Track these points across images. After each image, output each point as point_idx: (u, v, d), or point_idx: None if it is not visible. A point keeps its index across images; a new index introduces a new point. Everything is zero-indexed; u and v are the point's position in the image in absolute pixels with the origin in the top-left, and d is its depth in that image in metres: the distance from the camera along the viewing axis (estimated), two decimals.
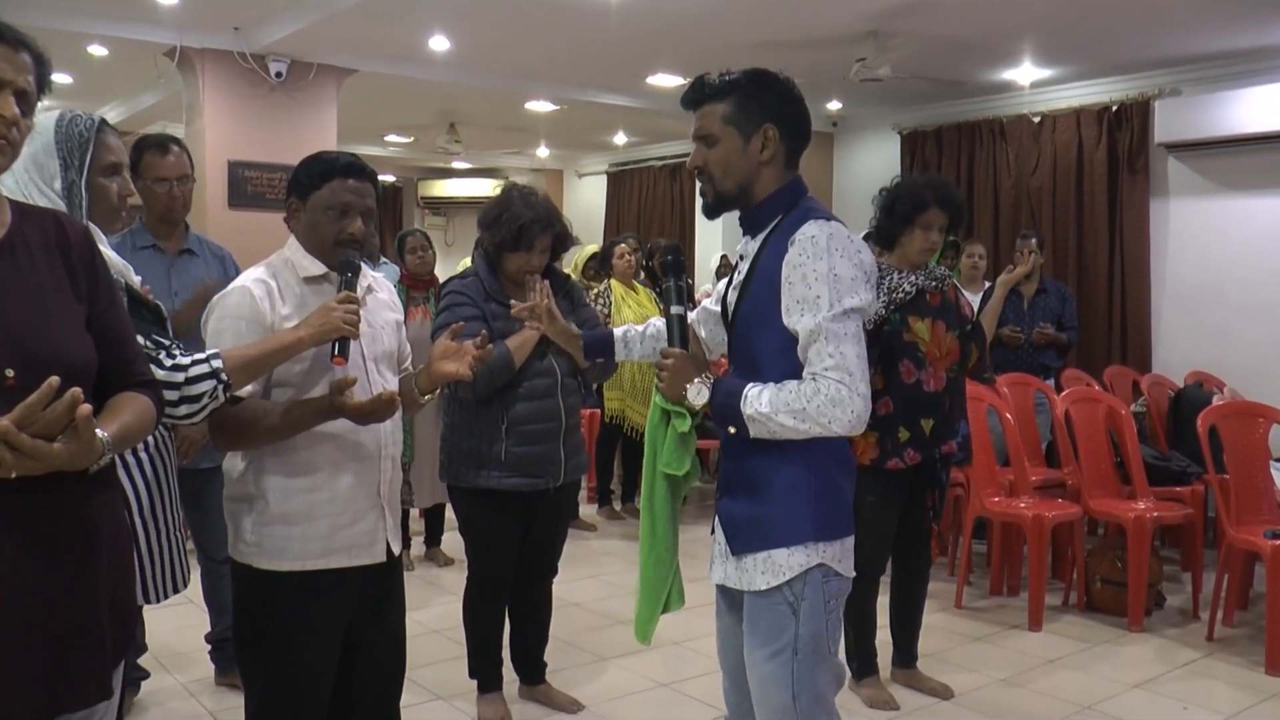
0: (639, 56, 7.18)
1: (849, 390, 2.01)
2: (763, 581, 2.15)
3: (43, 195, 2.11)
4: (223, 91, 6.91)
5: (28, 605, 1.55)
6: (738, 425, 2.11)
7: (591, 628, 4.63)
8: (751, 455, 2.17)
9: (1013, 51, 6.87)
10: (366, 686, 2.52)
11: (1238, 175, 6.90)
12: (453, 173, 13.40)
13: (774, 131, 2.18)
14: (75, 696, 1.63)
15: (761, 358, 2.15)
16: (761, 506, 2.17)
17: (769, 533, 2.15)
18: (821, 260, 2.04)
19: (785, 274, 2.07)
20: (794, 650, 2.14)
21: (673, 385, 2.18)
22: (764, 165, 2.19)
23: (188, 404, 2.06)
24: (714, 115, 2.19)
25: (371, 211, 2.46)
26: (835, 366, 2.02)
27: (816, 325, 2.03)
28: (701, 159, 2.21)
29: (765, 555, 2.15)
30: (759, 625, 2.18)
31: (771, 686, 2.16)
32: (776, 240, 2.14)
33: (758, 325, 2.15)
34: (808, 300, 2.04)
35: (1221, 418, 4.74)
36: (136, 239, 3.47)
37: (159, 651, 4.10)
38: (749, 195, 2.20)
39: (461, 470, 3.43)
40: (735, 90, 2.17)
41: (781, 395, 2.05)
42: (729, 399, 2.11)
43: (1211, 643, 4.49)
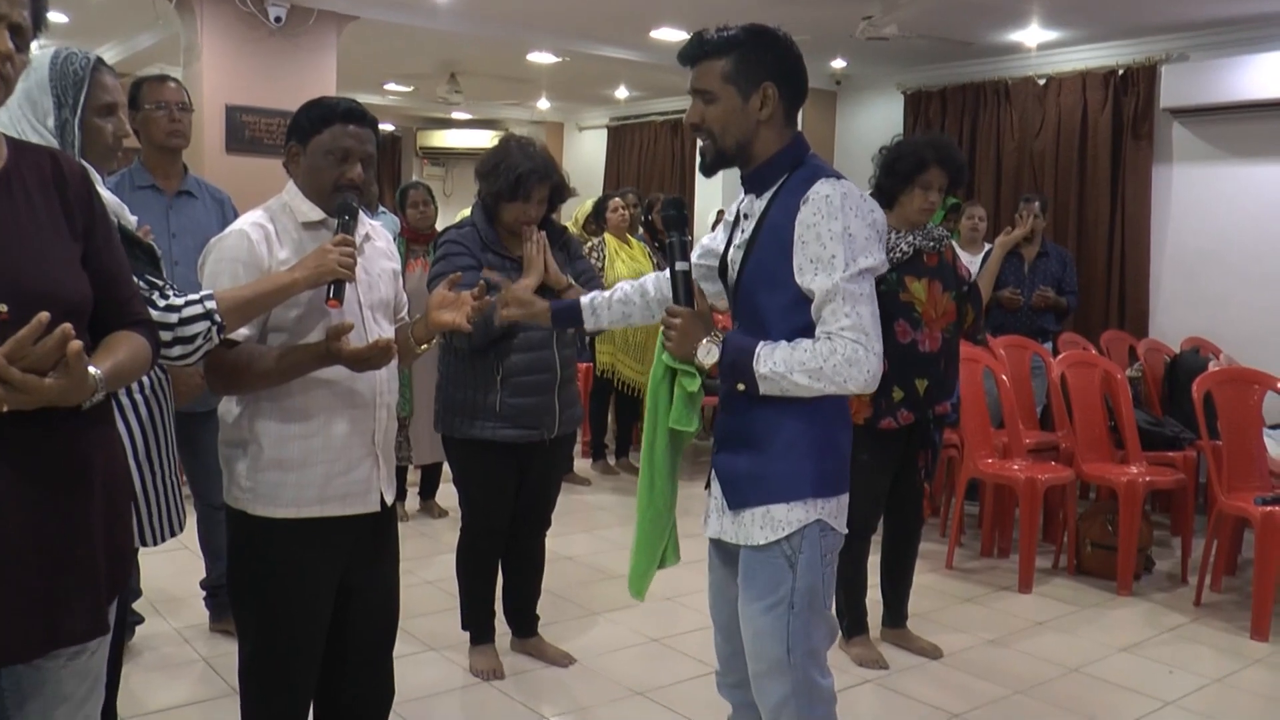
0: (643, 9, 7.11)
1: (865, 350, 2.02)
2: (761, 536, 2.16)
3: (35, 132, 2.10)
4: (221, 35, 6.83)
5: (20, 539, 1.56)
6: (748, 383, 2.10)
7: (584, 582, 4.66)
8: (752, 410, 2.16)
9: (1020, 13, 6.81)
10: (360, 635, 2.53)
11: (1243, 142, 6.86)
12: (452, 123, 13.31)
13: (773, 90, 2.16)
14: (70, 630, 1.64)
15: (769, 316, 2.14)
16: (761, 461, 2.17)
17: (768, 488, 2.16)
18: (836, 220, 2.04)
19: (798, 233, 2.07)
20: (790, 604, 2.15)
21: (682, 344, 2.16)
22: (763, 124, 2.18)
23: (181, 345, 2.05)
24: (713, 72, 2.17)
25: (371, 158, 2.44)
26: (852, 326, 2.02)
27: (834, 285, 2.02)
28: (699, 115, 2.20)
29: (764, 510, 2.16)
30: (755, 579, 2.19)
31: (766, 639, 2.18)
32: (785, 198, 2.13)
33: (765, 284, 2.14)
34: (822, 260, 2.04)
35: (1216, 384, 4.75)
36: (135, 178, 3.45)
37: (153, 596, 4.12)
38: (748, 153, 2.19)
39: (456, 421, 3.43)
40: (735, 47, 2.15)
41: (796, 354, 2.05)
42: (740, 356, 2.10)
43: (1199, 608, 4.53)
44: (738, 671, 2.35)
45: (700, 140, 2.22)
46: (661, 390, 2.28)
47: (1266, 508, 4.25)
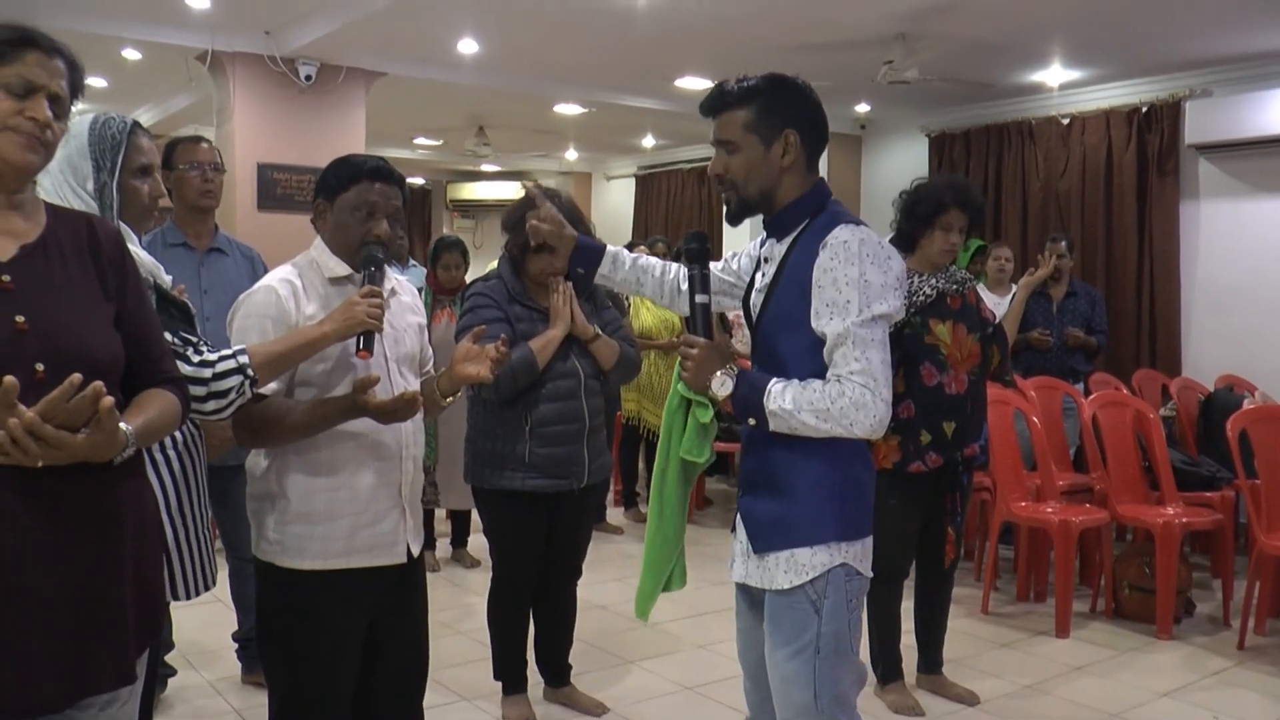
0: (667, 59, 7.19)
1: (872, 395, 2.05)
2: (785, 580, 2.17)
3: (76, 196, 2.17)
4: (253, 94, 6.97)
5: (50, 589, 1.60)
6: (758, 419, 2.13)
7: (616, 630, 4.64)
8: (775, 453, 2.18)
9: (1041, 53, 6.83)
10: (389, 686, 2.54)
11: (1270, 177, 6.82)
12: (481, 175, 13.45)
13: (795, 137, 2.19)
14: (98, 679, 1.67)
15: (788, 359, 2.17)
16: (785, 504, 2.18)
17: (792, 531, 2.17)
18: (853, 265, 2.07)
19: (815, 277, 2.10)
20: (816, 649, 2.15)
21: (698, 375, 2.18)
22: (785, 170, 2.21)
23: (215, 399, 2.10)
24: (735, 122, 2.20)
25: (398, 213, 2.48)
26: (861, 371, 2.05)
27: (845, 329, 2.06)
28: (723, 166, 2.23)
29: (788, 554, 2.17)
30: (781, 624, 2.19)
31: (793, 685, 2.17)
32: (805, 244, 2.17)
33: (785, 328, 2.18)
34: (837, 304, 2.07)
35: (1252, 422, 4.69)
36: (168, 236, 3.53)
37: (186, 649, 4.14)
38: (772, 200, 2.22)
39: (485, 472, 3.45)
40: (755, 97, 2.19)
41: (805, 394, 2.08)
42: (752, 392, 2.13)
43: (1242, 651, 4.44)
44: (767, 716, 2.34)
45: (723, 191, 2.26)
46: (676, 419, 2.30)
47: None
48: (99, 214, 2.18)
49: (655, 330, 6.38)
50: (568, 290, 3.43)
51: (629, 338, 3.66)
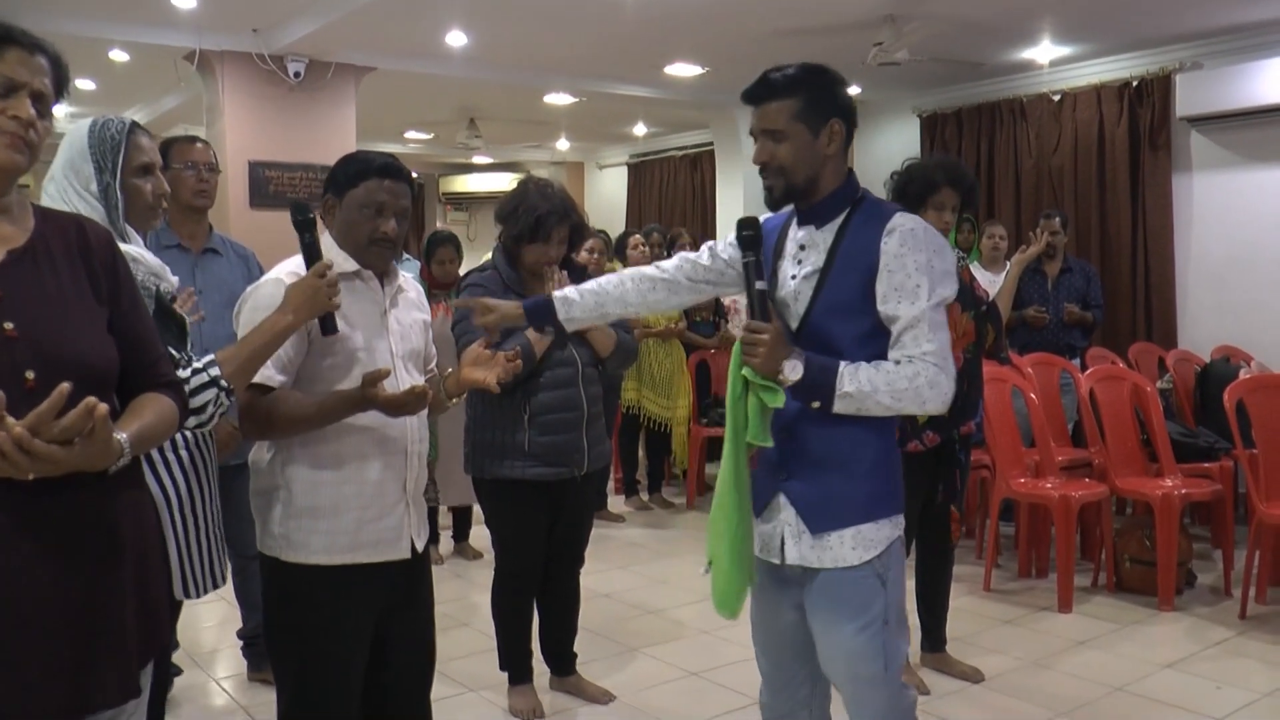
0: (656, 46, 7.18)
1: (944, 374, 2.14)
2: (854, 557, 2.20)
3: (81, 199, 2.17)
4: (242, 93, 6.96)
5: (48, 606, 1.57)
6: (825, 401, 2.16)
7: (621, 618, 4.65)
8: (830, 432, 2.21)
9: (1031, 30, 6.83)
10: (397, 680, 2.55)
11: (1262, 147, 6.83)
12: (474, 168, 13.44)
13: (839, 126, 2.24)
14: (101, 695, 1.65)
15: (843, 344, 2.19)
16: (847, 482, 2.22)
17: (858, 507, 2.21)
18: (921, 252, 2.15)
19: (884, 263, 2.15)
20: (884, 620, 2.21)
21: (768, 361, 2.15)
22: (829, 159, 2.25)
23: (195, 414, 2.07)
24: (782, 111, 2.22)
25: (406, 212, 2.47)
26: (934, 351, 2.13)
27: (919, 313, 2.13)
28: (768, 154, 2.25)
29: (854, 530, 2.21)
30: (845, 600, 2.22)
31: (862, 659, 2.22)
32: (858, 230, 2.22)
33: (841, 313, 2.21)
34: (906, 289, 2.14)
35: (1249, 391, 4.70)
36: (161, 238, 3.50)
37: (191, 648, 4.15)
38: (815, 188, 2.26)
39: (486, 462, 3.46)
40: (802, 87, 2.22)
41: (880, 375, 2.14)
42: (823, 375, 2.15)
43: (1244, 621, 4.47)
44: (787, 701, 2.40)
45: (767, 178, 2.28)
46: (740, 408, 2.25)
47: None
48: (105, 215, 2.18)
49: (652, 318, 6.38)
50: (563, 280, 3.44)
51: (625, 325, 3.67)
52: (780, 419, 2.23)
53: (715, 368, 7.14)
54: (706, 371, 7.12)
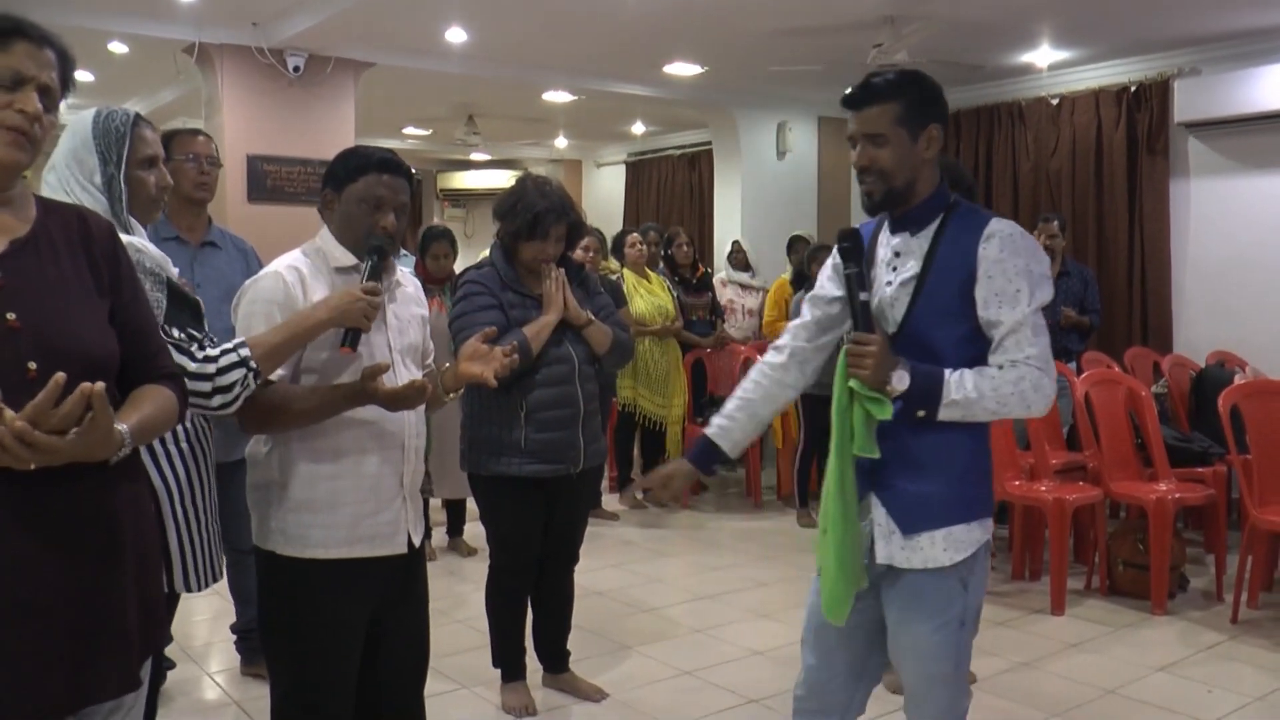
0: (656, 45, 7.18)
1: (1047, 377, 2.18)
2: (945, 558, 2.23)
3: (84, 191, 2.16)
4: (241, 86, 6.95)
5: (47, 599, 1.58)
6: (930, 409, 2.18)
7: (615, 616, 4.65)
8: (929, 438, 2.23)
9: (1030, 34, 6.84)
10: (391, 675, 2.55)
11: (1259, 154, 6.84)
12: (471, 164, 13.43)
13: (937, 131, 2.27)
14: (100, 688, 1.65)
15: (942, 348, 2.22)
16: (942, 485, 2.24)
17: (952, 509, 2.24)
18: (1020, 257, 2.18)
19: (984, 269, 2.18)
20: (960, 622, 2.25)
21: (876, 373, 2.17)
22: (926, 163, 2.27)
23: (220, 395, 2.09)
24: (884, 116, 2.24)
25: (405, 207, 2.48)
26: (1037, 355, 2.17)
27: (1021, 318, 2.16)
28: (869, 158, 2.26)
29: (945, 532, 2.23)
30: (925, 599, 2.25)
31: (932, 658, 2.26)
32: (954, 236, 2.23)
33: (940, 318, 2.23)
34: (1007, 294, 2.17)
35: (1243, 397, 4.71)
36: (160, 231, 3.48)
37: (184, 642, 4.15)
38: (912, 192, 2.27)
39: (482, 458, 3.46)
40: (903, 92, 2.25)
41: (986, 381, 2.17)
42: (930, 383, 2.17)
43: (1236, 625, 4.48)
44: (825, 697, 2.42)
45: (866, 183, 2.28)
46: (846, 418, 2.25)
47: None
48: (108, 207, 2.17)
49: (649, 317, 6.39)
50: (560, 277, 3.44)
51: (622, 323, 3.67)
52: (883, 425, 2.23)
53: (711, 367, 7.16)
54: (702, 370, 7.12)
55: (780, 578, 5.28)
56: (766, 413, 2.52)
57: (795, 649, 4.24)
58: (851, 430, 2.22)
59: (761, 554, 5.70)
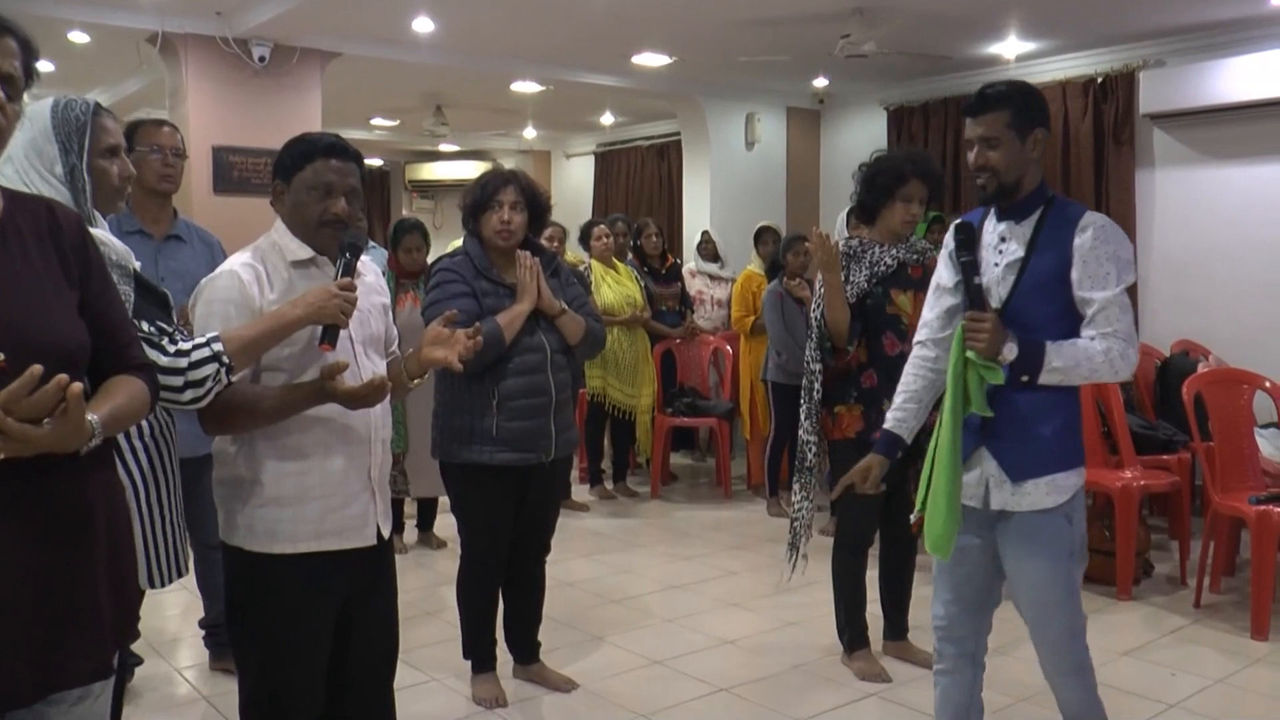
0: (624, 35, 7.16)
1: (1132, 348, 2.54)
2: (1049, 501, 2.59)
3: (45, 182, 2.12)
4: (206, 77, 6.88)
5: (20, 586, 1.57)
6: (1034, 375, 2.52)
7: (586, 606, 4.66)
8: (1030, 398, 2.57)
9: (997, 25, 6.87)
10: (360, 668, 2.54)
11: (1222, 145, 6.91)
12: (440, 155, 13.37)
13: (1042, 134, 2.62)
14: (70, 675, 1.65)
15: (1040, 323, 2.56)
16: (1044, 440, 2.59)
17: (1054, 459, 2.59)
18: (1110, 245, 2.52)
19: (1079, 254, 2.52)
20: (1069, 553, 2.62)
21: (992, 345, 2.50)
22: (1032, 161, 2.62)
23: (192, 389, 2.08)
24: (997, 122, 2.59)
25: (356, 191, 2.46)
26: (1123, 329, 2.52)
27: (1111, 297, 2.51)
28: (984, 158, 2.61)
29: (1048, 479, 2.58)
30: (1038, 536, 2.60)
31: (1048, 586, 2.61)
32: (1053, 225, 2.59)
33: (1040, 296, 2.57)
34: (1098, 277, 2.51)
35: (1206, 385, 4.77)
36: (123, 224, 3.43)
37: (152, 637, 4.12)
38: (1019, 187, 2.62)
39: (453, 447, 3.45)
40: (1013, 100, 2.60)
41: (1081, 351, 2.52)
42: (1034, 354, 2.51)
43: (1199, 610, 4.54)
44: (961, 627, 2.79)
45: (981, 179, 2.63)
46: (959, 383, 2.59)
47: (1261, 507, 4.28)
48: (70, 199, 2.14)
49: (617, 307, 6.38)
50: (534, 266, 3.44)
51: (594, 314, 3.67)
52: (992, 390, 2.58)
53: (680, 357, 7.16)
54: (672, 361, 7.13)
55: (750, 567, 5.30)
56: (930, 398, 2.87)
57: (766, 637, 4.30)
58: (966, 393, 2.57)
59: (732, 543, 5.72)
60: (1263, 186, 6.73)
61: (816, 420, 3.75)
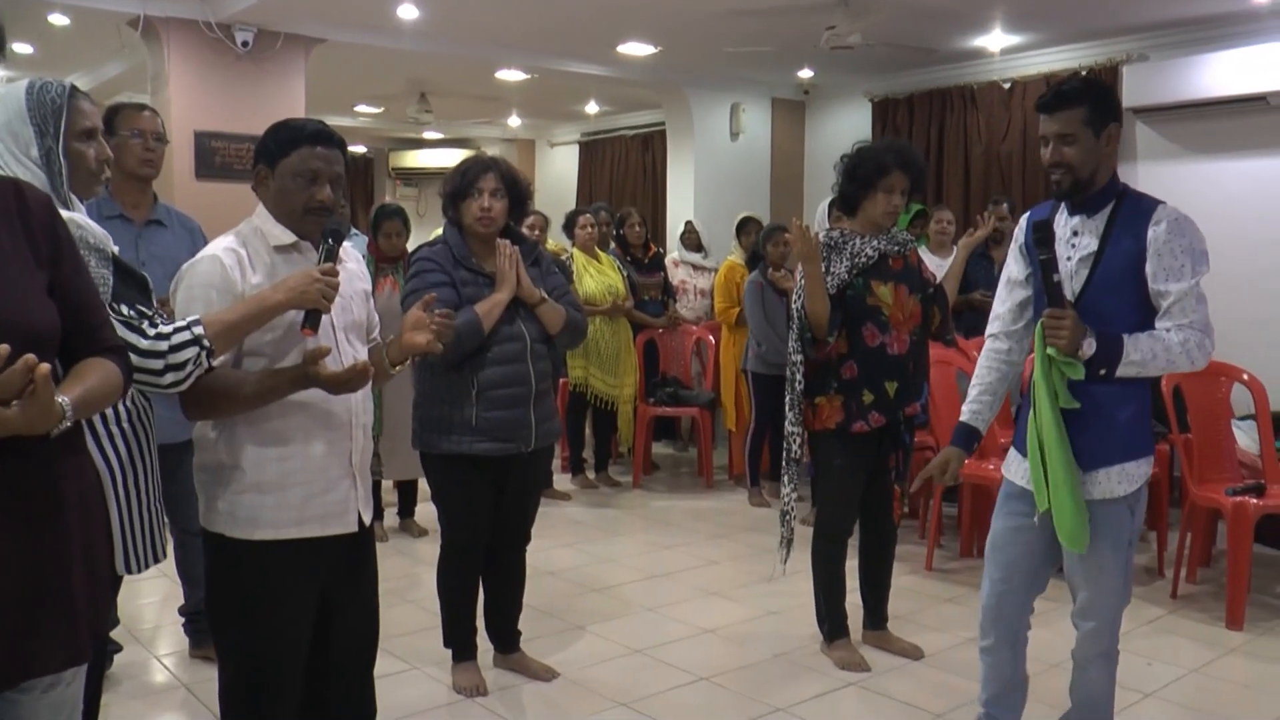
0: (610, 25, 7.14)
1: (1208, 339, 2.62)
2: (1120, 489, 2.67)
3: (20, 165, 2.10)
4: (188, 61, 6.83)
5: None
6: (1110, 368, 2.59)
7: (567, 595, 4.66)
8: (1104, 390, 2.63)
9: (982, 18, 6.87)
10: (341, 655, 2.54)
11: (1204, 139, 6.95)
12: (424, 143, 13.30)
13: (1116, 129, 2.67)
14: (42, 661, 1.64)
15: (1114, 315, 2.62)
16: (1116, 429, 2.66)
17: (1125, 449, 2.66)
18: (1184, 237, 2.60)
19: (1154, 248, 2.59)
20: (1129, 542, 2.72)
21: (1072, 340, 2.57)
22: (1106, 156, 2.67)
23: (173, 372, 2.07)
24: (1073, 118, 2.64)
25: (340, 179, 2.45)
26: (1199, 320, 2.60)
27: (1186, 289, 2.58)
28: (1060, 154, 2.65)
29: (1119, 468, 2.66)
30: (1102, 524, 2.67)
31: (1109, 572, 2.71)
32: (1126, 219, 2.65)
33: (1114, 288, 2.63)
34: (1174, 269, 2.58)
35: (1185, 378, 4.79)
36: (103, 208, 3.42)
37: (132, 624, 4.11)
38: (1093, 181, 2.66)
39: (433, 437, 3.45)
40: (1087, 98, 2.65)
41: (1159, 343, 2.59)
42: (1113, 348, 2.58)
43: (1175, 600, 4.58)
44: (1009, 606, 2.88)
45: (1056, 174, 2.67)
46: (1049, 379, 2.65)
47: (1237, 498, 4.31)
48: (46, 182, 2.13)
49: (599, 297, 6.38)
50: (514, 254, 3.43)
51: (575, 303, 3.67)
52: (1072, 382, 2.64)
53: (663, 347, 7.16)
54: (654, 350, 7.13)
55: (731, 556, 5.32)
56: (1003, 389, 2.96)
57: (746, 627, 4.31)
58: (1055, 389, 2.63)
59: (713, 533, 5.74)
60: (1244, 181, 6.77)
61: (800, 411, 3.76)
